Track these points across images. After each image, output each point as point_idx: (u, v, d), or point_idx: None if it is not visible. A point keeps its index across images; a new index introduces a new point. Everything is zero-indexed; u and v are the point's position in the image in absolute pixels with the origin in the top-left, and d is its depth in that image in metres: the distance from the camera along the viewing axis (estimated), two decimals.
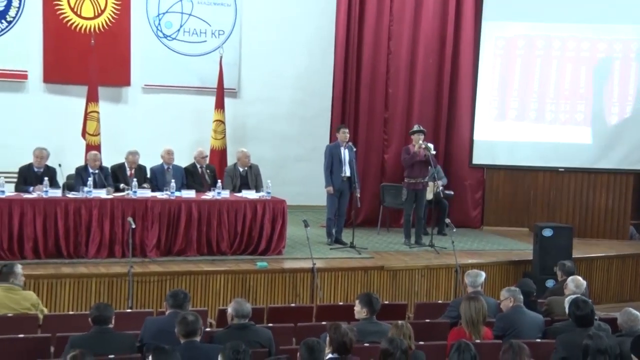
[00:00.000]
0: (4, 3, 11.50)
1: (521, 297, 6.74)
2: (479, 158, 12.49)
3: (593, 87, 12.40)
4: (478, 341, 5.91)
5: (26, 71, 11.68)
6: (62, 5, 11.69)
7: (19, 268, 6.87)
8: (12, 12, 11.57)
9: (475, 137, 12.46)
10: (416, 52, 12.28)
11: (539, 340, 6.32)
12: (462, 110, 12.47)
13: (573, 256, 9.51)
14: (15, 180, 9.57)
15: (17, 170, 9.62)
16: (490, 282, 9.05)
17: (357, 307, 6.37)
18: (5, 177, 9.35)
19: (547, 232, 9.94)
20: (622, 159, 12.38)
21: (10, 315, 6.49)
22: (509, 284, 8.88)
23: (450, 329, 6.64)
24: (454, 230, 10.16)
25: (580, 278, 7.44)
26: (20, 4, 11.57)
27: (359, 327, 6.00)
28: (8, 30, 11.56)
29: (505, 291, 6.81)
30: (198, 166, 10.48)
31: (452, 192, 12.00)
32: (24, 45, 11.64)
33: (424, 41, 12.27)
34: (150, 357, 4.75)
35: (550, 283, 8.94)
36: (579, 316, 6.13)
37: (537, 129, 12.50)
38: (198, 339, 5.49)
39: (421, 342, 6.08)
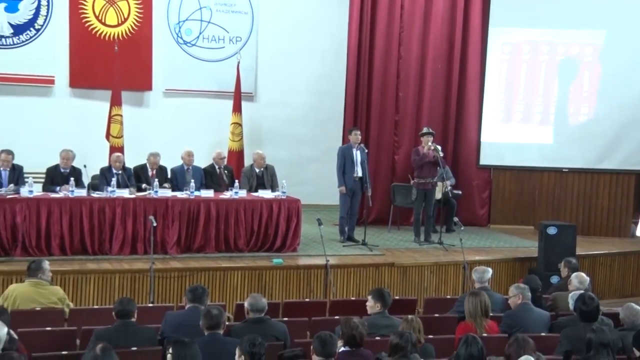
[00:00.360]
0: (33, 12, 11.55)
1: (529, 294, 6.72)
2: (485, 159, 12.47)
3: (596, 91, 12.36)
4: (485, 335, 5.90)
5: (53, 76, 11.70)
6: (87, 13, 11.73)
7: (46, 264, 6.91)
8: (40, 21, 11.61)
9: (482, 138, 12.44)
10: (425, 57, 12.27)
11: (543, 334, 6.30)
12: (469, 113, 12.45)
13: (577, 253, 9.48)
14: (42, 180, 9.61)
15: (44, 170, 9.67)
16: (496, 278, 9.04)
17: (370, 302, 6.37)
18: (34, 178, 9.40)
19: (552, 230, 9.91)
20: (623, 160, 12.34)
21: (38, 309, 6.53)
22: (515, 280, 8.88)
23: (458, 323, 6.64)
24: (462, 228, 10.18)
25: (583, 274, 7.42)
26: (47, 12, 11.61)
27: (371, 321, 6.02)
28: (36, 37, 11.61)
29: (514, 288, 6.79)
30: (216, 167, 10.51)
31: (460, 192, 11.99)
32: (51, 51, 11.66)
33: (433, 47, 12.25)
34: (170, 350, 4.77)
35: (554, 279, 8.91)
36: (585, 311, 6.13)
37: (541, 130, 12.47)
38: (221, 331, 5.54)
39: (430, 336, 6.09)
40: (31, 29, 11.59)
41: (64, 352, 5.59)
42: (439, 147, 10.88)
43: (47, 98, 11.71)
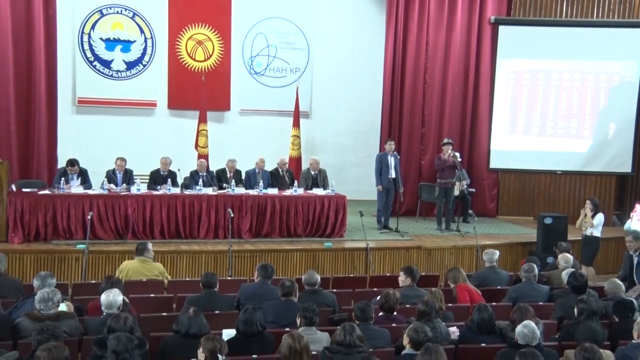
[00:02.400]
0: (141, 52, 11.76)
1: (535, 273, 6.61)
2: (494, 163, 12.29)
3: (584, 109, 12.10)
4: (494, 303, 5.82)
5: (155, 101, 11.88)
6: (181, 52, 11.90)
7: (150, 245, 7.02)
8: (146, 58, 11.83)
9: (492, 147, 12.25)
10: (446, 82, 12.13)
11: (541, 303, 6.23)
12: (481, 126, 12.28)
13: (568, 239, 9.31)
14: (147, 180, 9.72)
15: (149, 173, 9.77)
16: (503, 259, 8.90)
17: (402, 277, 6.36)
18: (141, 179, 9.62)
19: (548, 220, 9.75)
20: (607, 164, 12.08)
21: (144, 280, 6.66)
22: (518, 261, 8.77)
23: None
24: (475, 219, 10.10)
25: (568, 255, 7.35)
26: (152, 52, 11.82)
27: (402, 293, 6.01)
28: (143, 71, 11.82)
29: (526, 266, 6.66)
30: (280, 170, 10.50)
31: (474, 190, 11.82)
32: (154, 82, 11.84)
33: (452, 74, 12.11)
34: (241, 313, 4.85)
35: (550, 260, 8.76)
36: (576, 285, 6.10)
37: (540, 141, 12.24)
38: (294, 298, 5.60)
39: (450, 304, 6.04)
40: (139, 64, 11.82)
41: (164, 314, 5.71)
42: (457, 154, 10.82)
43: (150, 117, 11.89)
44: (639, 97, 11.85)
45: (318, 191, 9.96)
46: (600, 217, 9.22)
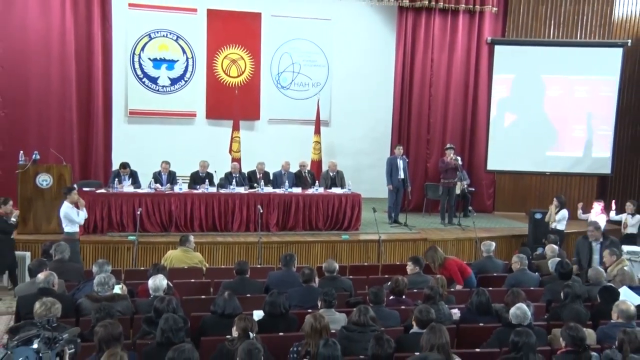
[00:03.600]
0: (183, 70, 11.80)
1: (526, 262, 6.62)
2: (491, 165, 12.14)
3: (569, 118, 11.94)
4: (490, 288, 5.78)
5: (195, 112, 11.92)
6: (217, 70, 11.94)
7: (191, 237, 7.06)
8: (187, 75, 11.87)
9: (489, 151, 12.11)
10: (449, 95, 12.06)
11: (532, 288, 6.19)
12: (479, 133, 12.18)
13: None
14: (188, 181, 9.77)
15: (189, 174, 9.82)
16: (499, 249, 8.84)
17: (410, 266, 6.34)
18: (182, 179, 9.69)
19: (538, 215, 9.68)
20: (589, 166, 11.95)
21: (185, 267, 6.71)
22: (511, 252, 8.66)
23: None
24: (474, 214, 10.11)
25: (554, 246, 7.36)
26: (192, 70, 11.86)
27: (410, 279, 5.99)
28: (185, 86, 11.87)
29: (516, 257, 6.65)
30: (302, 172, 10.53)
31: (473, 189, 11.75)
32: (194, 95, 11.89)
33: (454, 88, 12.04)
34: (267, 297, 4.87)
35: (539, 250, 8.67)
36: (562, 273, 6.08)
37: (530, 146, 12.04)
38: (314, 284, 5.62)
39: (452, 289, 6.02)
40: (182, 80, 11.87)
41: (202, 296, 5.75)
42: (458, 158, 10.79)
43: (191, 126, 11.93)
44: (617, 108, 11.74)
45: (336, 190, 9.96)
46: (563, 213, 9.23)
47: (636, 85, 12.10)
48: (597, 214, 9.49)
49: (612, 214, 9.78)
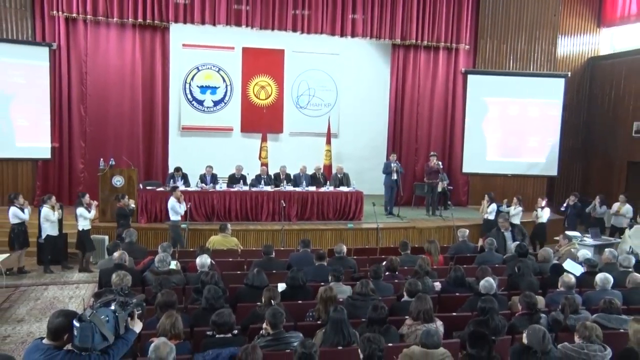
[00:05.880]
0: (223, 94, 11.83)
1: (495, 245, 6.57)
2: (466, 169, 12.03)
3: (525, 132, 11.81)
4: (465, 266, 5.73)
5: (232, 127, 11.91)
6: (249, 94, 11.95)
7: (228, 225, 7.11)
8: (226, 98, 11.88)
9: (464, 158, 12.01)
10: (432, 113, 11.95)
11: (497, 265, 6.13)
12: (457, 143, 12.06)
13: (517, 222, 9.16)
14: (226, 181, 9.78)
15: (227, 176, 9.84)
16: (471, 235, 8.62)
17: (401, 248, 6.32)
18: (222, 180, 9.72)
19: (502, 208, 9.53)
20: (541, 169, 11.88)
21: (224, 249, 6.72)
22: (480, 237, 8.57)
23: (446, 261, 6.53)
24: (452, 207, 10.01)
25: (507, 233, 7.45)
26: (230, 94, 11.88)
27: (401, 259, 5.98)
28: (224, 107, 11.87)
29: (489, 240, 6.60)
30: (317, 174, 10.50)
31: (452, 187, 11.60)
32: (231, 114, 11.88)
33: (436, 108, 11.94)
34: (289, 273, 4.87)
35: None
36: (520, 252, 6.02)
37: (496, 153, 11.97)
38: (325, 263, 5.60)
39: (435, 267, 5.99)
40: (222, 103, 11.89)
41: (238, 272, 5.77)
42: (440, 163, 10.74)
43: (229, 138, 11.91)
44: (561, 124, 11.81)
45: (343, 188, 9.94)
46: (493, 207, 9.16)
47: (575, 107, 12.53)
48: (543, 208, 9.44)
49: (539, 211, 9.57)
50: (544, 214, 9.39)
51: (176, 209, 7.94)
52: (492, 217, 9.12)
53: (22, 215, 7.41)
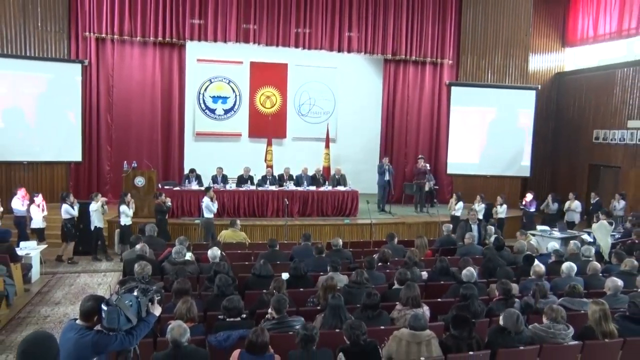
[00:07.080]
0: (232, 103, 11.82)
1: (476, 238, 6.57)
2: (450, 170, 12.03)
3: (502, 138, 11.82)
4: (449, 257, 5.73)
5: (241, 132, 11.87)
6: (256, 103, 11.95)
7: (238, 221, 7.06)
8: (235, 107, 11.86)
9: (448, 160, 12.01)
10: (420, 120, 11.95)
11: (477, 256, 6.12)
12: (442, 148, 12.05)
13: (494, 217, 9.21)
14: (235, 181, 9.74)
15: (236, 177, 9.80)
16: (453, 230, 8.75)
17: (387, 239, 6.31)
18: (232, 180, 9.69)
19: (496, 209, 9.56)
20: (516, 171, 11.91)
21: (234, 242, 6.69)
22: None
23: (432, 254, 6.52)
24: (438, 205, 9.95)
25: (491, 227, 7.41)
26: (239, 103, 11.87)
27: (386, 247, 5.95)
28: (234, 115, 11.85)
29: (468, 235, 6.61)
30: (317, 175, 10.44)
31: (437, 187, 11.59)
32: (240, 121, 11.85)
33: (423, 116, 11.93)
34: (292, 264, 4.87)
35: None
36: (497, 245, 6.05)
37: (476, 156, 11.97)
38: (324, 255, 5.58)
39: (422, 258, 5.99)
40: (232, 111, 11.88)
41: (246, 263, 5.76)
42: (427, 165, 10.76)
43: (238, 143, 11.87)
44: (533, 131, 11.92)
45: (341, 188, 9.92)
46: (460, 204, 9.20)
47: (545, 116, 12.73)
48: (502, 205, 9.49)
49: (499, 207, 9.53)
50: (503, 211, 9.50)
51: (210, 207, 7.94)
52: (459, 213, 9.18)
53: (73, 211, 7.58)
